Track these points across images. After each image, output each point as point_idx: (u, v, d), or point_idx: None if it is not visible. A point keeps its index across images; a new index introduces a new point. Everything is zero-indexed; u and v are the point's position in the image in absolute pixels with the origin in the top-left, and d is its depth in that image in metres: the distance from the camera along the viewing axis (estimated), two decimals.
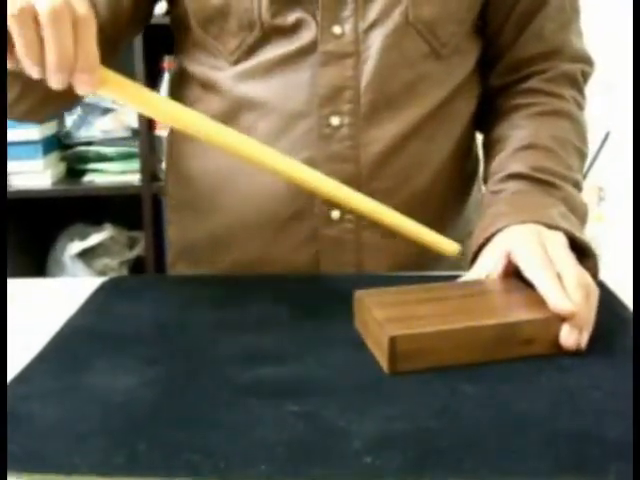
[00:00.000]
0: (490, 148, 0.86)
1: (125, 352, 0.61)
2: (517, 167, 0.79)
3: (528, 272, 0.64)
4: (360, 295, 0.65)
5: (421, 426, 0.50)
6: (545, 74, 0.85)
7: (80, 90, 0.60)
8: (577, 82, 0.86)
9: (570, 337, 0.59)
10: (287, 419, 0.50)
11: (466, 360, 0.58)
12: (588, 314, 0.61)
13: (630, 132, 1.55)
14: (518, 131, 0.83)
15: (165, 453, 0.47)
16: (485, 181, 0.85)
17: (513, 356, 0.59)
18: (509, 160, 0.81)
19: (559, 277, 0.62)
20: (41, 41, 0.57)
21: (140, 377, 0.57)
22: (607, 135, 1.80)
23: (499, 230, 0.72)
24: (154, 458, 0.46)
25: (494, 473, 0.45)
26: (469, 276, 0.70)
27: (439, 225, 0.87)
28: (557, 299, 0.59)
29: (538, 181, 0.77)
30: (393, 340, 0.57)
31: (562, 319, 0.59)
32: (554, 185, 0.77)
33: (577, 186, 0.80)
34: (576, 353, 0.59)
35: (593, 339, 0.61)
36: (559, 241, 0.67)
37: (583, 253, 0.70)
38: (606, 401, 0.52)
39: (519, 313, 0.61)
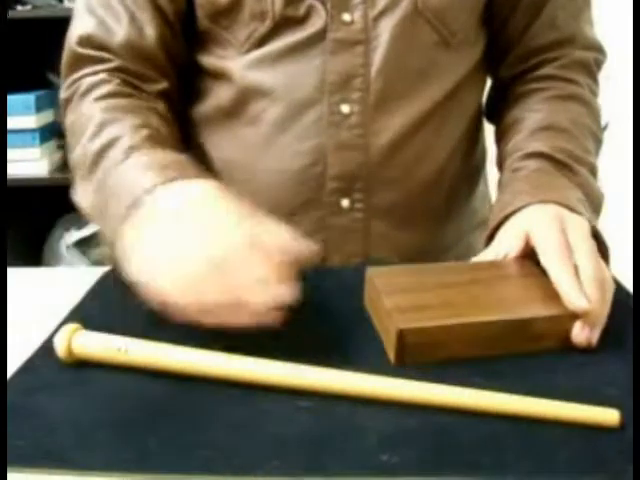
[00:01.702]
0: (505, 131, 0.85)
1: None
2: (537, 146, 0.77)
3: (544, 259, 0.62)
4: (371, 275, 0.64)
5: (437, 422, 0.49)
6: (558, 61, 0.84)
7: None
8: (591, 70, 0.86)
9: (582, 334, 0.58)
10: (300, 415, 0.49)
11: (474, 353, 0.57)
12: (602, 310, 0.59)
13: (629, 123, 1.54)
14: (534, 113, 0.82)
15: (177, 449, 0.46)
16: (500, 164, 0.84)
17: (523, 350, 0.58)
18: (528, 140, 0.79)
19: (576, 268, 0.60)
20: None
21: (148, 370, 0.55)
22: (606, 125, 1.80)
23: (518, 209, 0.70)
24: (165, 454, 0.45)
25: (512, 471, 0.44)
26: (485, 255, 0.68)
27: (446, 216, 0.87)
28: (572, 296, 0.58)
29: (558, 162, 0.76)
30: (401, 333, 0.56)
31: (575, 316, 0.58)
32: (572, 169, 0.75)
33: (593, 171, 0.78)
34: (587, 349, 0.58)
35: (608, 335, 0.59)
36: (581, 228, 0.65)
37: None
38: (622, 398, 0.51)
39: (531, 307, 0.59)
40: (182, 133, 0.85)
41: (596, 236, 0.68)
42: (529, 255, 0.65)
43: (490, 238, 0.72)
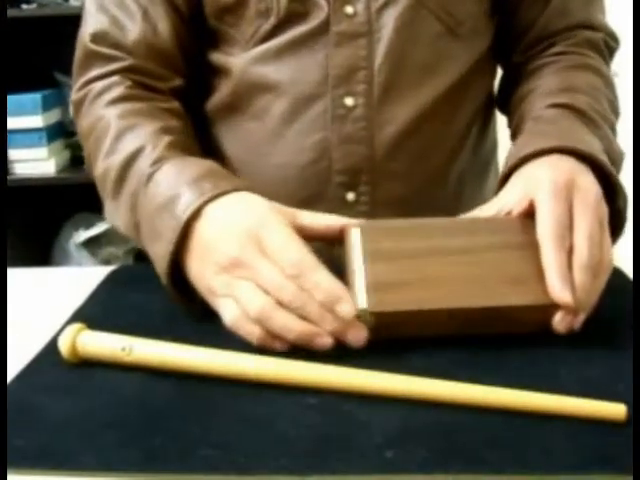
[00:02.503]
0: (520, 100, 0.82)
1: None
2: (558, 100, 0.75)
3: (540, 237, 0.59)
4: (359, 229, 0.62)
5: (442, 419, 0.48)
6: (568, 40, 0.84)
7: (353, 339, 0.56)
8: (600, 49, 0.85)
9: (562, 323, 0.57)
10: (306, 412, 0.49)
11: (449, 333, 0.57)
12: (588, 298, 0.57)
13: (630, 118, 1.53)
14: (550, 79, 0.80)
15: (181, 448, 0.45)
16: (516, 125, 0.81)
17: (499, 332, 0.57)
18: (548, 98, 0.77)
19: (570, 250, 0.58)
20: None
21: (152, 369, 0.55)
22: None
23: (535, 154, 0.66)
24: (170, 453, 0.45)
25: (518, 467, 0.43)
26: (490, 208, 0.66)
27: (454, 210, 0.85)
28: (557, 288, 0.56)
29: (580, 112, 0.73)
30: (376, 316, 0.56)
31: (558, 305, 0.56)
32: (595, 121, 0.73)
33: (614, 129, 0.76)
34: (593, 342, 0.57)
35: (614, 330, 0.58)
36: (590, 198, 0.61)
37: (613, 191, 0.66)
38: (629, 393, 0.50)
39: (514, 293, 0.57)
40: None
41: (614, 185, 0.66)
42: (532, 214, 0.62)
43: (503, 182, 0.69)
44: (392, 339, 0.57)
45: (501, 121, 0.94)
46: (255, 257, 0.57)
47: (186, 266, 0.62)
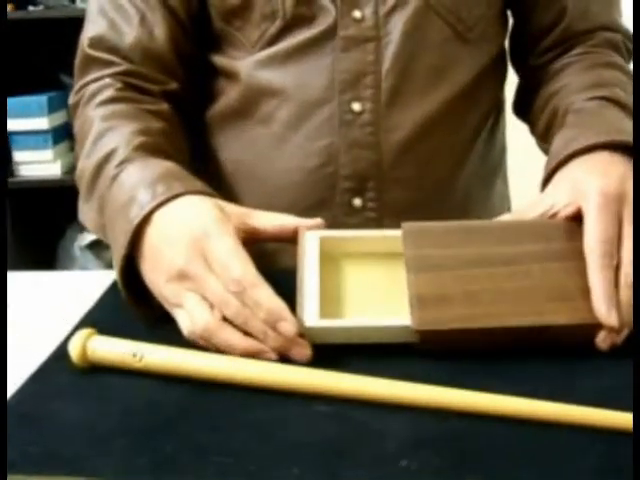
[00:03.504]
0: (547, 100, 0.81)
1: None
2: (598, 93, 0.74)
3: (587, 250, 0.58)
4: (404, 235, 0.61)
5: (456, 428, 0.48)
6: (588, 42, 0.83)
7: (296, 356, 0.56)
8: (620, 49, 0.84)
9: (606, 341, 0.56)
10: (318, 420, 0.49)
11: (490, 349, 0.56)
12: (630, 318, 0.57)
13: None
14: (579, 77, 0.79)
15: (192, 455, 0.45)
16: (548, 123, 0.79)
17: (542, 347, 0.57)
18: (585, 92, 0.75)
19: (618, 265, 0.57)
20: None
21: (164, 375, 0.55)
22: None
23: (584, 150, 0.65)
24: (181, 461, 0.45)
25: (533, 477, 0.43)
26: (537, 206, 0.64)
27: (462, 216, 0.85)
28: (603, 310, 0.55)
29: (622, 105, 0.72)
30: (417, 332, 0.56)
31: (600, 324, 0.56)
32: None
33: None
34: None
35: (628, 338, 0.58)
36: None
37: None
38: None
39: (558, 312, 0.56)
40: (194, 135, 0.84)
41: None
42: (579, 218, 0.60)
43: (548, 177, 0.67)
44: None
45: (509, 126, 0.94)
46: (200, 269, 0.57)
47: (141, 271, 0.62)
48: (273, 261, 0.81)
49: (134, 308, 0.63)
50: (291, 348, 0.55)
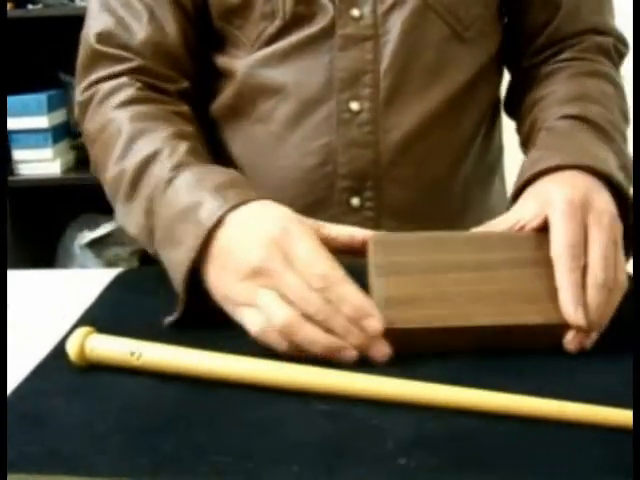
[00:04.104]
0: (531, 106, 0.82)
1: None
2: (572, 110, 0.75)
3: (555, 255, 0.59)
4: (372, 243, 0.62)
5: (455, 426, 0.48)
6: (578, 46, 0.84)
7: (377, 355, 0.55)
8: (610, 54, 0.85)
9: (574, 342, 0.57)
10: (316, 418, 0.49)
11: (459, 349, 0.57)
12: (600, 318, 0.57)
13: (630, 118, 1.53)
14: (562, 87, 0.80)
15: (191, 454, 0.45)
16: (527, 133, 0.81)
17: (511, 347, 0.57)
18: (561, 107, 0.76)
19: (585, 268, 0.58)
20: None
21: (162, 374, 0.55)
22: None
23: (549, 169, 0.66)
24: (180, 459, 0.44)
25: (533, 475, 0.43)
26: (505, 221, 0.65)
27: (460, 215, 0.85)
28: (570, 309, 0.56)
29: (594, 125, 0.73)
30: (385, 331, 0.55)
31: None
32: (608, 134, 0.73)
33: (625, 140, 0.76)
34: (609, 352, 0.57)
35: (627, 337, 0.58)
36: (605, 219, 0.61)
37: (627, 209, 0.65)
38: None
39: (527, 311, 0.57)
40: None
41: (629, 204, 0.65)
42: (546, 229, 0.62)
43: (516, 196, 0.68)
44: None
45: (506, 125, 0.94)
46: (280, 266, 0.56)
47: (204, 273, 0.61)
48: None
49: (190, 310, 0.62)
50: (372, 346, 0.55)
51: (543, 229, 0.62)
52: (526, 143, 0.81)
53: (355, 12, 0.76)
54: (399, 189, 0.79)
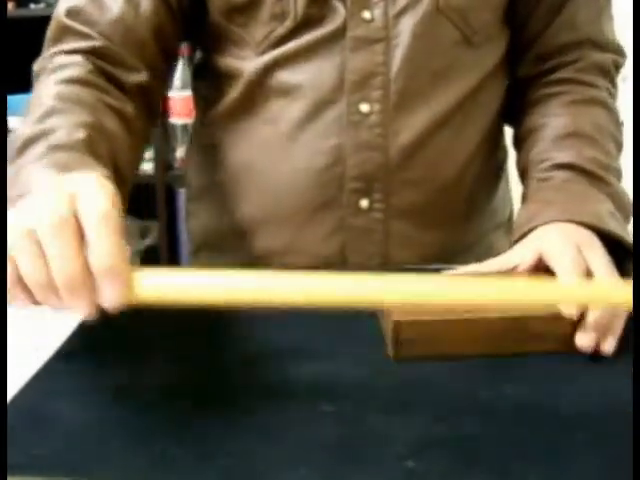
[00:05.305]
0: (525, 137, 0.83)
1: (151, 350, 0.59)
2: (564, 157, 0.76)
3: (556, 264, 0.61)
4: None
5: (464, 429, 0.48)
6: (576, 64, 0.83)
7: (108, 305, 0.49)
8: (608, 72, 0.84)
9: (583, 338, 0.58)
10: (324, 421, 0.48)
11: (473, 352, 0.57)
12: (608, 318, 0.58)
13: (630, 118, 1.53)
14: (555, 119, 0.80)
15: (198, 457, 0.45)
16: (522, 171, 0.82)
17: (526, 351, 0.58)
18: (553, 149, 0.78)
19: (588, 274, 0.60)
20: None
21: (168, 376, 0.54)
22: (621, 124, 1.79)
23: (544, 223, 0.69)
24: (187, 462, 0.44)
25: (542, 478, 0.43)
26: (492, 263, 0.67)
27: (466, 216, 0.86)
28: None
29: (588, 174, 0.74)
30: (397, 325, 0.56)
31: (575, 320, 0.57)
32: (602, 179, 0.74)
33: (619, 177, 0.77)
34: (597, 355, 0.58)
35: (627, 337, 0.58)
36: (596, 244, 0.65)
37: (626, 255, 0.68)
38: None
39: (539, 312, 0.58)
40: (149, 134, 0.81)
41: (628, 249, 0.68)
42: (540, 272, 0.64)
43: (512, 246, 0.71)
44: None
45: (509, 129, 0.94)
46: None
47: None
48: (279, 260, 0.82)
49: None
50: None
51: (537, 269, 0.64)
52: (522, 176, 0.82)
53: (366, 14, 0.76)
54: (408, 191, 0.79)
